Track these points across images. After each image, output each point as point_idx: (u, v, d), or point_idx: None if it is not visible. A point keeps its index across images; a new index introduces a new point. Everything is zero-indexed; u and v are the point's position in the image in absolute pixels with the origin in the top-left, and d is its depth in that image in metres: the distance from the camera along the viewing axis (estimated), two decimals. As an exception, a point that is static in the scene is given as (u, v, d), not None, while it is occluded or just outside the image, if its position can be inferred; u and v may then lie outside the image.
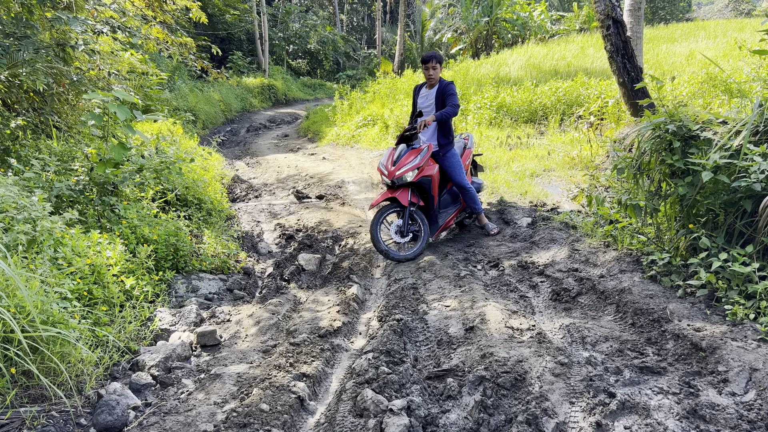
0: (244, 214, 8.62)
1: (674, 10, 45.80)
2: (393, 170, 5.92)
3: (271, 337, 4.35)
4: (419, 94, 6.49)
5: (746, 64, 10.83)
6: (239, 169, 12.60)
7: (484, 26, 25.13)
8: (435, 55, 6.20)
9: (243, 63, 29.43)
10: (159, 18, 8.21)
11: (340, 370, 3.81)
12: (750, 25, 22.48)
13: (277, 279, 5.75)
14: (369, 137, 14.23)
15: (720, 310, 3.69)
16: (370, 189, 9.91)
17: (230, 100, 22.80)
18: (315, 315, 4.59)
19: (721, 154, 3.96)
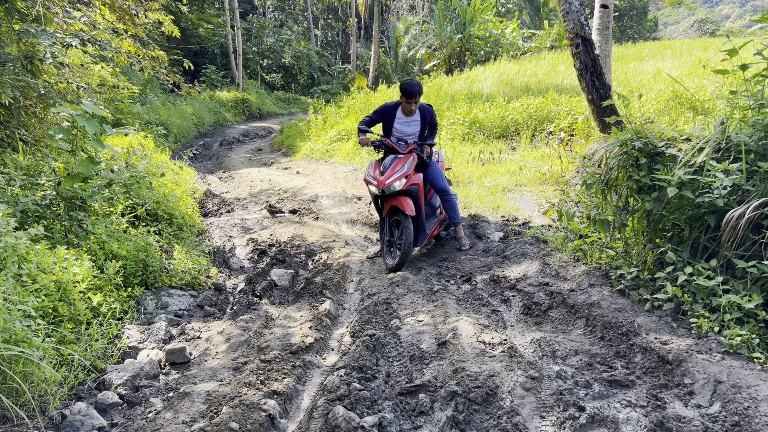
0: (216, 228, 8.53)
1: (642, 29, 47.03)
2: (382, 180, 5.88)
3: (241, 354, 4.30)
4: (395, 118, 6.23)
5: (710, 83, 11.14)
6: (212, 183, 12.49)
7: (457, 43, 25.45)
8: (419, 89, 6.00)
9: (216, 77, 29.29)
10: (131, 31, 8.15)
11: (311, 387, 3.78)
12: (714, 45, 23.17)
13: (249, 295, 5.70)
14: (343, 152, 14.24)
15: (686, 324, 3.76)
16: (344, 203, 9.91)
17: (203, 113, 22.65)
18: (287, 331, 4.55)
19: (685, 171, 4.05)
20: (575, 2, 8.59)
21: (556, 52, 24.34)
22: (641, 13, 47.95)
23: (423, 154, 6.21)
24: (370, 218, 8.74)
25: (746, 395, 2.80)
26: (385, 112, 6.28)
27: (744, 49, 4.39)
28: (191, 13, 26.07)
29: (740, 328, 3.38)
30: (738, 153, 4.05)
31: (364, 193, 10.55)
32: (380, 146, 6.18)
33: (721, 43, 4.18)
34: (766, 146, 3.90)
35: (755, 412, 2.67)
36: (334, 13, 51.65)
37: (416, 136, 6.32)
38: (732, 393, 2.86)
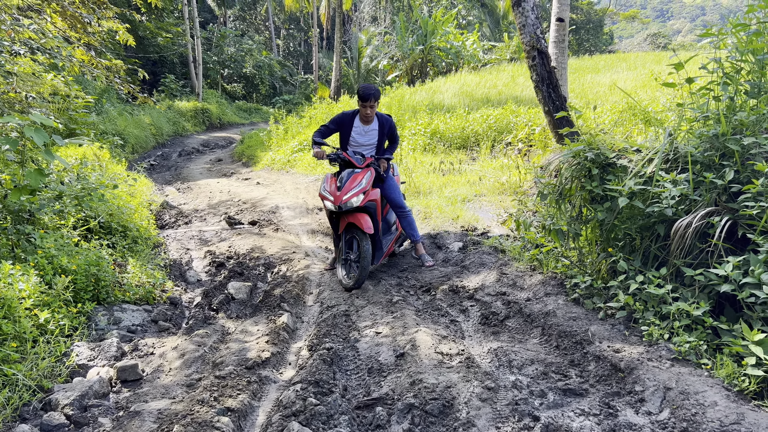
0: (173, 241, 8.36)
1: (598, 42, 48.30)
2: (339, 195, 5.63)
3: (196, 370, 4.20)
4: (353, 127, 6.02)
5: (662, 95, 11.49)
6: (169, 194, 12.25)
7: (419, 54, 25.68)
8: (374, 92, 5.78)
9: (176, 86, 28.86)
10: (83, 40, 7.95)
11: (267, 403, 3.71)
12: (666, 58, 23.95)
13: (205, 309, 5.59)
14: (305, 162, 14.17)
15: (638, 331, 3.84)
16: (305, 214, 9.84)
17: (162, 123, 22.26)
18: (243, 346, 4.47)
19: (635, 181, 4.15)
20: (531, 16, 8.76)
21: (516, 64, 24.77)
22: (597, 26, 49.25)
23: (380, 169, 6.00)
24: (331, 229, 8.69)
25: (694, 401, 2.86)
26: (342, 120, 6.03)
27: (693, 62, 4.54)
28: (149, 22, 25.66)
29: (689, 335, 3.46)
30: (685, 164, 4.17)
31: (325, 204, 10.49)
32: (336, 160, 5.91)
33: (676, 53, 4.31)
34: (712, 157, 4.03)
35: (702, 418, 2.73)
36: (296, 24, 51.58)
37: (374, 148, 6.12)
38: (680, 399, 2.92)
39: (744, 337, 3.25)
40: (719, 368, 3.14)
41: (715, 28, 4.46)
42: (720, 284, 3.53)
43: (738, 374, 3.04)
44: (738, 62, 4.45)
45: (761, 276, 3.25)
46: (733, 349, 3.22)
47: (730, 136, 3.95)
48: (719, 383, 3.00)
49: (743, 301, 3.40)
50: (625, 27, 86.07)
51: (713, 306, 3.67)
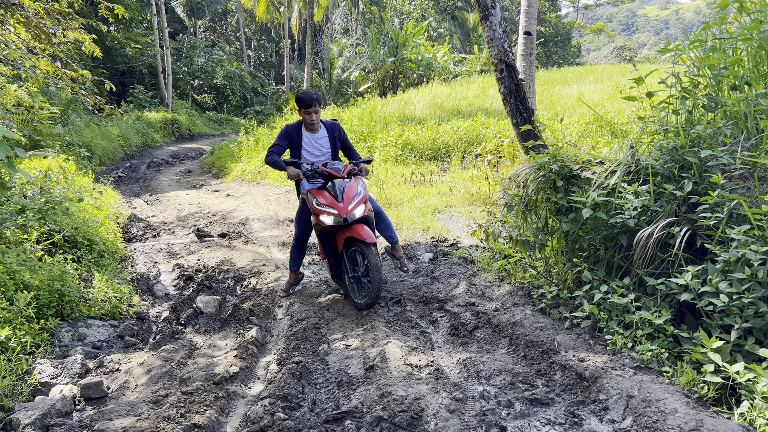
0: (141, 254, 8.24)
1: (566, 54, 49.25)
2: (343, 207, 5.18)
3: (162, 386, 4.14)
4: (302, 138, 5.68)
5: (628, 107, 11.76)
6: (137, 207, 12.08)
7: (390, 66, 25.85)
8: (316, 97, 5.53)
9: (145, 97, 28.53)
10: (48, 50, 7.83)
11: (235, 419, 3.68)
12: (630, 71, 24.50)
13: (173, 323, 5.51)
14: (276, 173, 14.10)
15: (602, 340, 3.91)
16: (276, 226, 9.79)
17: (130, 135, 21.97)
18: (211, 361, 4.42)
19: (599, 193, 4.24)
20: (499, 29, 8.90)
21: (486, 76, 25.10)
22: (565, 39, 50.25)
23: (363, 174, 5.66)
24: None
25: (655, 409, 2.93)
26: (289, 133, 5.69)
27: (655, 75, 4.67)
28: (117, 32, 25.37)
29: (651, 344, 3.53)
30: (647, 176, 4.27)
31: (296, 216, 10.45)
32: (314, 176, 5.46)
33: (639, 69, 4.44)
34: (671, 169, 4.14)
35: (663, 425, 2.78)
36: (267, 35, 51.50)
37: (329, 156, 5.81)
38: (642, 407, 2.98)
39: (703, 344, 3.33)
40: (680, 376, 3.21)
41: (674, 44, 4.60)
42: (680, 293, 3.62)
43: (697, 381, 3.12)
44: (695, 77, 4.59)
45: (719, 285, 3.35)
46: (693, 356, 3.30)
47: (689, 148, 4.07)
48: (680, 390, 3.07)
49: (702, 310, 3.49)
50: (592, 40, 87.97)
51: (674, 314, 3.76)
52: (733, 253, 3.36)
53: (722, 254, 3.42)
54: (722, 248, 3.50)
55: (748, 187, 3.85)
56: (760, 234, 3.36)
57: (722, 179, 3.56)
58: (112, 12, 9.97)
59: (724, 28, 4.47)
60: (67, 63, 8.28)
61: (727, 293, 3.31)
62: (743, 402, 2.92)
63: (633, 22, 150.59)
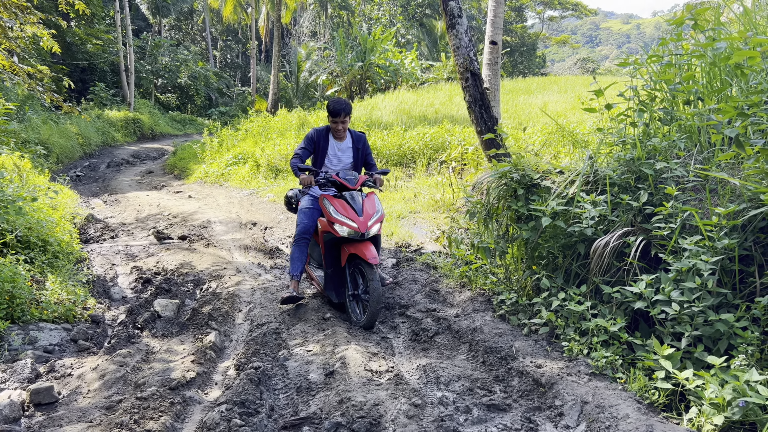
0: (98, 256, 8.05)
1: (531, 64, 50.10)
2: (364, 221, 4.99)
3: (116, 391, 4.04)
4: (329, 146, 5.55)
5: (590, 118, 12.02)
6: (95, 207, 11.81)
7: (358, 71, 25.87)
8: (345, 106, 5.33)
9: (106, 95, 27.90)
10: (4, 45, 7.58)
11: (191, 425, 3.61)
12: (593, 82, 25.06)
13: (129, 327, 5.39)
14: (239, 176, 13.97)
15: (559, 347, 3.97)
16: (238, 229, 9.68)
17: (90, 133, 21.45)
18: (167, 366, 4.34)
19: (558, 202, 4.32)
20: (465, 38, 9.00)
21: (453, 84, 25.33)
22: (531, 49, 51.10)
23: (377, 186, 5.47)
24: (265, 245, 8.59)
25: (608, 414, 2.99)
26: (316, 138, 5.53)
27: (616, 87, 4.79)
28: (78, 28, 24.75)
29: (606, 350, 3.61)
30: (604, 186, 4.37)
31: (260, 219, 10.37)
32: (326, 184, 5.26)
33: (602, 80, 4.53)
34: (628, 180, 4.24)
35: (615, 431, 2.84)
36: (234, 35, 50.99)
37: (350, 165, 5.65)
38: (596, 413, 3.04)
39: (655, 352, 3.42)
40: (632, 382, 3.29)
41: (632, 59, 4.72)
42: (634, 301, 3.71)
43: (649, 388, 3.20)
44: (652, 91, 4.72)
45: (671, 293, 3.44)
46: (645, 363, 3.38)
47: (645, 160, 4.18)
48: (632, 396, 3.14)
49: (655, 318, 3.58)
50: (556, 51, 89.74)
51: (629, 322, 3.85)
52: (685, 263, 3.46)
53: (675, 264, 3.52)
54: (675, 258, 3.60)
55: (700, 199, 3.97)
56: (710, 245, 3.47)
57: (676, 191, 3.66)
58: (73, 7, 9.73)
59: (680, 44, 4.62)
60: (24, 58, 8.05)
61: (678, 302, 3.41)
62: (692, 408, 3.00)
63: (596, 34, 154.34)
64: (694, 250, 3.47)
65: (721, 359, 3.02)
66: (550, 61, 75.29)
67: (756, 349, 3.14)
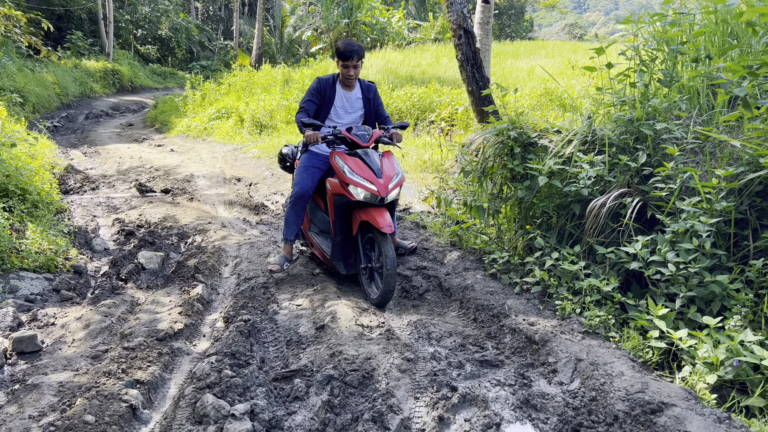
0: (79, 207, 7.87)
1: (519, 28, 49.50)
2: (384, 183, 4.41)
3: (102, 341, 3.97)
4: (335, 97, 4.92)
5: (578, 83, 11.94)
6: (75, 158, 11.52)
7: (344, 27, 25.31)
8: (358, 48, 4.68)
9: (84, 44, 27.02)
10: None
11: (180, 375, 3.57)
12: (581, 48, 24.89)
13: (113, 278, 5.29)
14: (223, 130, 13.71)
15: (551, 306, 3.97)
16: (222, 184, 9.52)
17: (67, 83, 20.82)
18: (154, 317, 4.27)
19: (555, 161, 4.26)
20: (459, -6, 8.79)
21: (440, 45, 24.95)
22: (519, 12, 50.42)
23: (395, 142, 4.84)
24: (250, 200, 8.47)
25: (603, 372, 2.99)
26: (322, 89, 4.87)
27: (610, 50, 4.69)
28: (55, -28, 23.79)
29: (599, 310, 3.61)
30: (602, 146, 4.32)
31: (244, 174, 10.21)
32: (334, 141, 4.68)
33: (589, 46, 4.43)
34: (626, 140, 4.19)
35: (610, 387, 2.85)
36: (217, -13, 49.45)
37: (360, 120, 5.06)
38: (590, 370, 3.05)
39: (649, 311, 3.43)
40: (626, 341, 3.30)
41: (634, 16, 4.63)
42: (629, 262, 3.70)
43: (643, 346, 3.21)
44: (654, 51, 4.64)
45: (667, 255, 3.43)
46: (638, 322, 3.39)
47: (644, 121, 4.13)
48: (626, 355, 3.15)
49: (649, 278, 3.58)
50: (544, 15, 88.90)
51: (621, 282, 3.84)
52: (682, 225, 3.44)
53: (672, 225, 3.50)
54: (672, 219, 3.59)
55: (697, 162, 3.94)
56: (708, 207, 3.45)
57: (677, 151, 3.62)
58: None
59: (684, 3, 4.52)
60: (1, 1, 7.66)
61: (674, 263, 3.40)
62: (684, 367, 3.02)
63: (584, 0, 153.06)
64: (691, 211, 3.45)
65: (716, 320, 3.03)
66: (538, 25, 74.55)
67: (749, 311, 3.15)
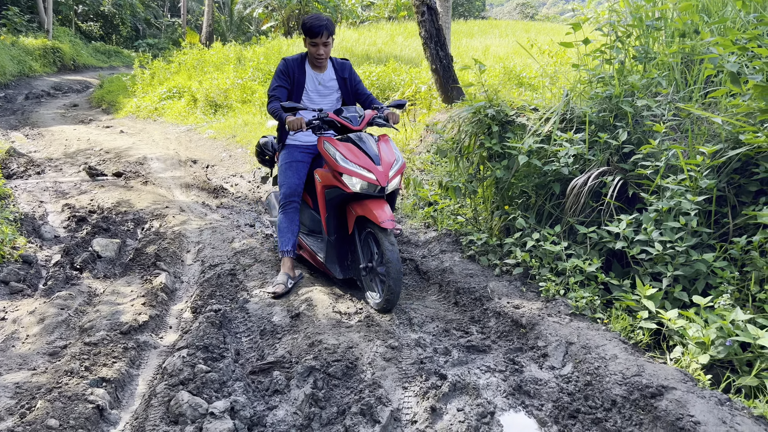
0: (24, 193, 7.39)
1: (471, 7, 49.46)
2: (383, 171, 3.78)
3: (59, 336, 3.69)
4: (306, 79, 4.33)
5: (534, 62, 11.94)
6: (16, 141, 10.86)
7: (296, 5, 24.74)
8: (328, 23, 4.11)
9: (21, 20, 25.56)
10: None
11: (148, 371, 3.33)
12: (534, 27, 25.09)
13: (67, 268, 4.95)
14: (175, 110, 13.17)
15: (534, 287, 3.89)
16: (178, 167, 9.13)
17: (4, 61, 19.67)
18: (116, 308, 3.99)
19: (534, 139, 4.16)
20: (421, -31, 8.58)
21: (394, 23, 24.69)
22: (471, -8, 50.33)
23: (391, 124, 4.15)
24: (208, 183, 8.13)
25: (595, 355, 2.92)
26: (290, 71, 4.28)
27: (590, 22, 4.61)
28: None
29: (583, 291, 3.54)
30: (579, 124, 4.24)
31: (200, 156, 9.82)
32: (321, 127, 4.03)
33: (541, 25, 4.32)
34: (605, 118, 4.12)
35: (605, 371, 2.78)
36: (162, -38, 47.56)
37: (336, 104, 4.47)
38: (582, 354, 2.97)
39: (634, 291, 3.38)
40: (615, 322, 3.24)
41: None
42: (611, 241, 3.64)
43: (634, 327, 3.15)
44: (629, 27, 4.58)
45: (652, 233, 3.38)
46: (624, 303, 3.33)
47: (623, 98, 4.06)
48: (616, 337, 3.09)
49: (633, 258, 3.53)
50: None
51: (605, 263, 3.79)
52: (667, 203, 3.39)
53: (657, 203, 3.45)
54: (656, 198, 3.54)
55: (674, 140, 3.90)
56: (692, 185, 3.41)
57: (663, 128, 3.56)
58: None
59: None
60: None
61: (660, 242, 3.35)
62: (675, 347, 2.98)
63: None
64: (676, 189, 3.40)
65: (706, 299, 2.99)
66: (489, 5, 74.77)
67: (735, 289, 3.13)
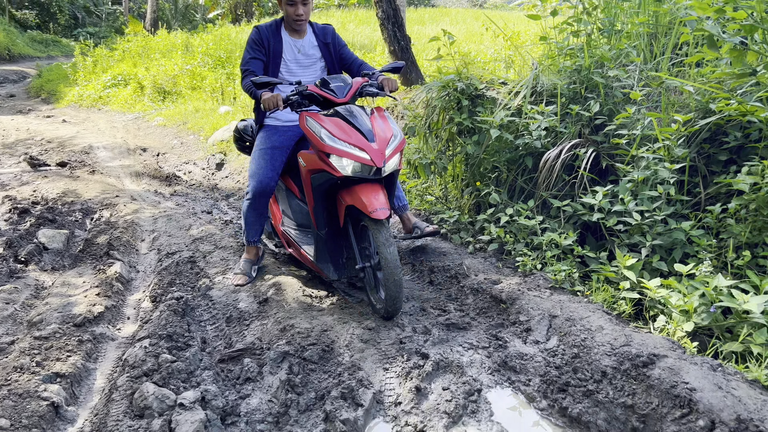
0: (-42, 184, 6.89)
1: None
2: (378, 150, 3.12)
3: (5, 332, 3.39)
4: (283, 45, 3.77)
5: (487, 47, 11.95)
6: (-52, 131, 10.17)
7: (244, -8, 24.13)
8: None
9: (-53, 7, 24.08)
10: None
11: (107, 364, 3.09)
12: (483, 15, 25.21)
13: (10, 261, 4.59)
14: (121, 98, 12.62)
15: (510, 263, 3.80)
16: (126, 155, 8.72)
17: (-69, 49, 18.49)
18: (67, 300, 3.71)
19: (505, 113, 4.07)
20: (376, -51, 8.39)
21: (344, 11, 24.36)
22: (420, -19, 50.28)
23: (385, 92, 3.49)
24: (160, 171, 7.78)
25: (580, 327, 2.85)
26: (262, 37, 3.71)
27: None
28: None
29: (561, 264, 3.47)
30: (550, 97, 4.17)
31: (150, 144, 9.41)
32: (302, 103, 3.37)
33: (490, 14, 4.25)
34: (576, 90, 4.06)
35: (592, 343, 2.71)
36: (100, -53, 45.67)
37: (320, 73, 3.91)
38: (567, 326, 2.89)
39: (611, 263, 3.33)
40: (597, 294, 3.17)
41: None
42: (586, 214, 3.58)
43: (616, 298, 3.10)
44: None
45: (629, 204, 3.33)
46: (602, 275, 3.28)
47: (593, 69, 4.01)
48: (599, 308, 3.03)
49: (609, 230, 3.48)
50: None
51: (580, 236, 3.74)
52: (643, 173, 3.35)
53: (633, 173, 3.40)
54: (631, 168, 3.49)
55: (647, 108, 3.86)
56: (666, 155, 3.38)
57: (640, 95, 3.51)
58: None
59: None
60: None
61: (637, 211, 3.31)
62: (659, 317, 2.93)
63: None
64: (651, 159, 3.36)
65: (687, 267, 2.95)
66: (438, -5, 75.05)
67: (713, 257, 3.11)
